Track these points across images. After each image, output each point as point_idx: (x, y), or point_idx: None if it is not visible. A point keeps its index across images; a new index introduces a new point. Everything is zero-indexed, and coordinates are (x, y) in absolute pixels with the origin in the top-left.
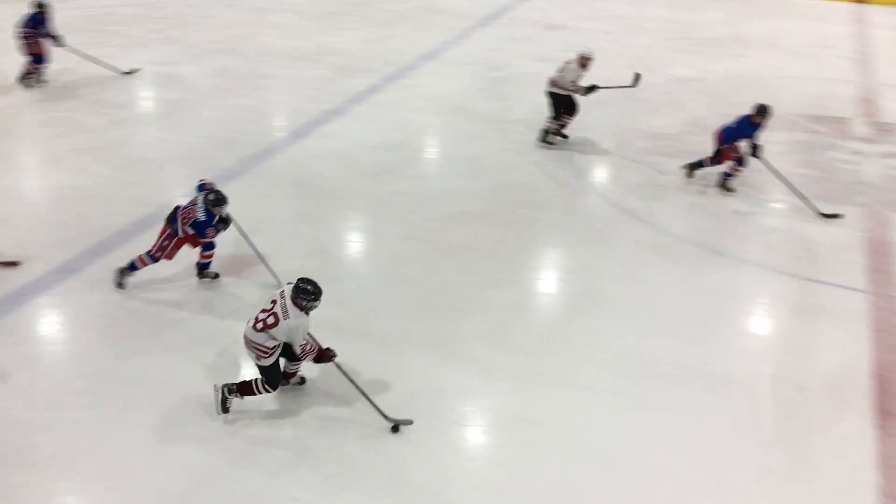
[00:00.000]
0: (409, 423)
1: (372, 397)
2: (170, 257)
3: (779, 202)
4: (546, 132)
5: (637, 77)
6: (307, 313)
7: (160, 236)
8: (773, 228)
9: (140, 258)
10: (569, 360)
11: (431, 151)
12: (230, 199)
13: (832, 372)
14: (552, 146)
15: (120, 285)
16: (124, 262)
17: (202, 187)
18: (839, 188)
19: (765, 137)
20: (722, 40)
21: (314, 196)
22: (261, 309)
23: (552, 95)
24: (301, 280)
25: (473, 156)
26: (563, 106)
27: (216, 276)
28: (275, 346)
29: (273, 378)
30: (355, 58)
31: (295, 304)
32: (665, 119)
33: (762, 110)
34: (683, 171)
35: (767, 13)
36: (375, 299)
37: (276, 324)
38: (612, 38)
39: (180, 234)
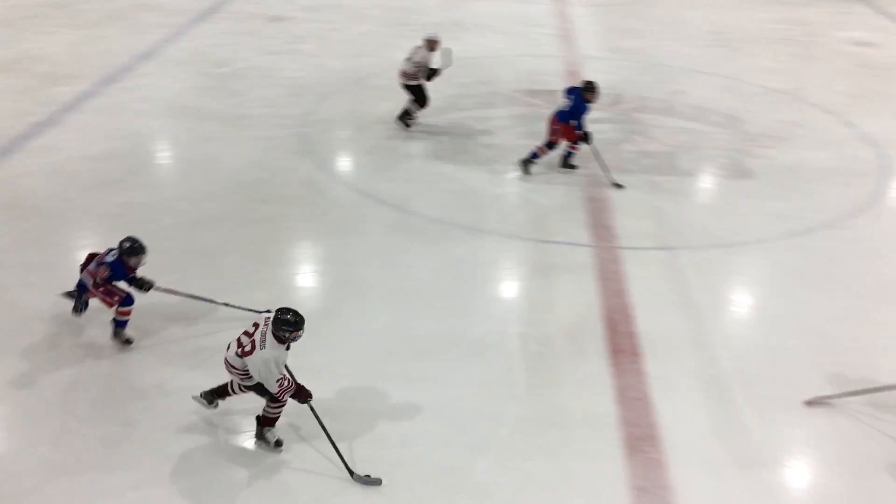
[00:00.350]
0: (378, 482)
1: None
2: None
3: (507, 173)
4: (408, 114)
5: (447, 55)
6: (287, 346)
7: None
8: (505, 198)
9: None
10: (337, 349)
11: (163, 156)
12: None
13: (570, 322)
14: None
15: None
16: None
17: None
18: (557, 155)
19: (490, 113)
20: (439, 24)
21: (31, 218)
22: (243, 331)
23: (409, 87)
24: (280, 310)
25: (210, 156)
26: (413, 92)
27: (129, 342)
28: None
29: (267, 390)
30: (62, 63)
31: (275, 335)
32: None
33: (591, 87)
34: (520, 169)
35: None
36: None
37: (251, 352)
38: (336, 27)
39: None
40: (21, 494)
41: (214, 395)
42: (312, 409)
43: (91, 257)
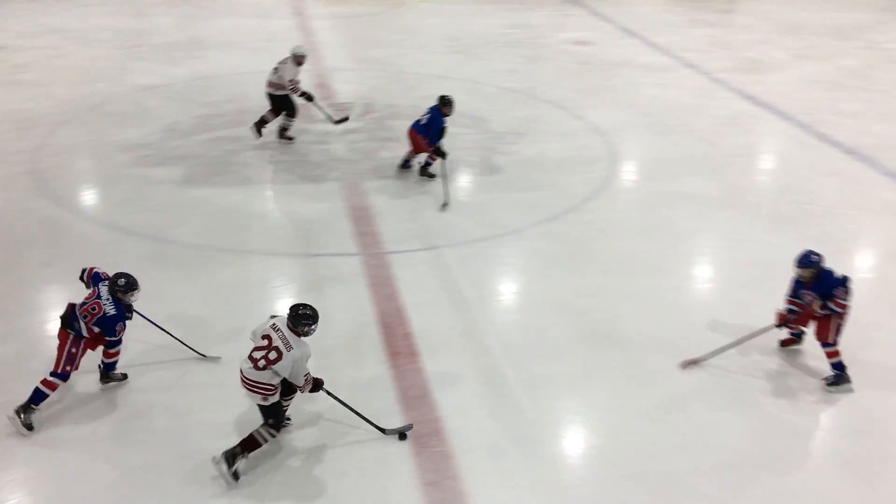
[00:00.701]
0: (410, 427)
1: None
2: (78, 367)
3: (269, 190)
4: (263, 122)
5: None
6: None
7: (62, 347)
8: (267, 216)
9: (45, 382)
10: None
11: None
12: None
13: (347, 331)
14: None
15: (28, 427)
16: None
17: (99, 277)
18: (316, 167)
19: (241, 132)
20: (178, 44)
21: None
22: (254, 348)
23: (272, 97)
24: (297, 307)
25: None
26: (284, 107)
27: (124, 377)
28: (279, 383)
29: (279, 418)
30: None
31: (294, 332)
32: (139, 129)
33: (447, 101)
34: (408, 174)
35: (215, 14)
36: None
37: (279, 358)
38: (62, 53)
39: (84, 334)
40: None
41: (238, 456)
42: (328, 391)
43: (72, 308)
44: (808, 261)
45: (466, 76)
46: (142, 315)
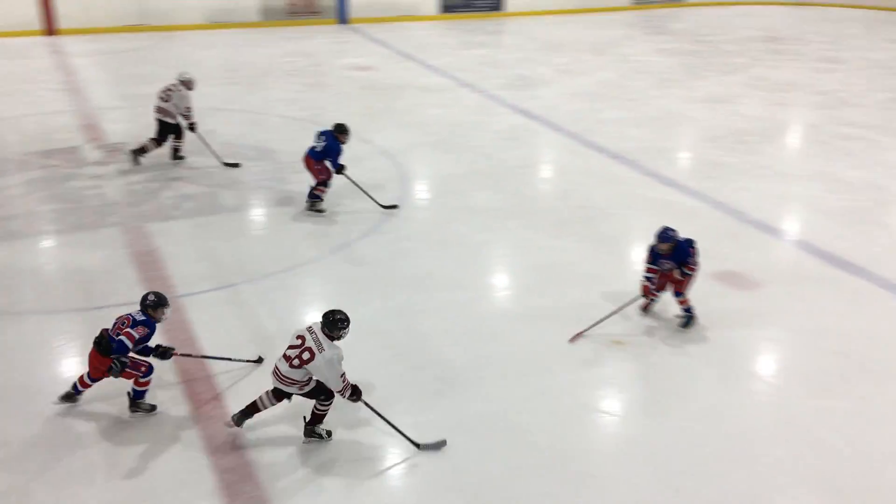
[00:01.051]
0: (443, 443)
1: None
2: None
3: (39, 242)
4: (143, 150)
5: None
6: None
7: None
8: (41, 270)
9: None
10: None
11: None
12: None
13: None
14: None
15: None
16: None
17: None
18: (90, 213)
19: (2, 182)
20: None
21: None
22: (288, 346)
23: (162, 123)
24: (331, 312)
25: None
26: (171, 131)
27: (153, 408)
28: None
29: (324, 391)
30: None
31: (328, 336)
32: None
33: (342, 129)
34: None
35: None
36: None
37: (311, 358)
38: None
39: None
40: None
41: (244, 416)
42: (366, 403)
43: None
44: (666, 236)
45: (247, 107)
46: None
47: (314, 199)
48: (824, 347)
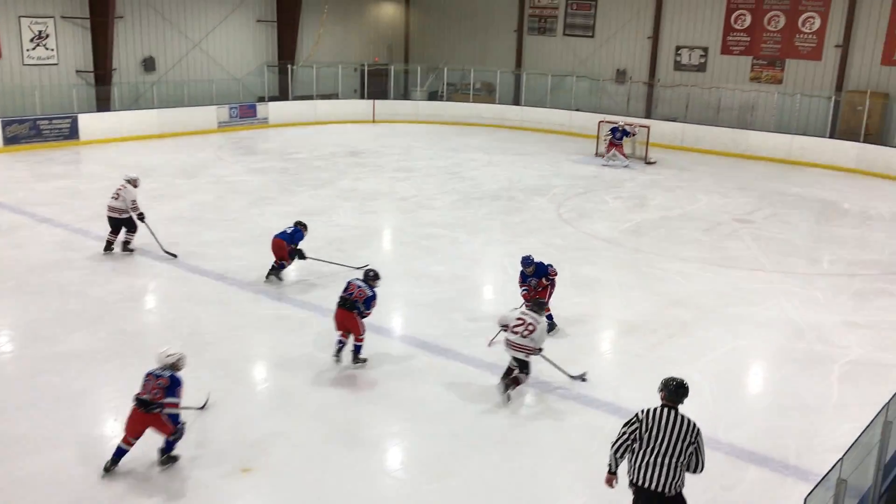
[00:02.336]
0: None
1: None
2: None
3: None
4: (109, 244)
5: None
6: None
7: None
8: None
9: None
10: None
11: None
12: None
13: None
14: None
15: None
16: None
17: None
18: None
19: None
20: None
21: None
22: (515, 323)
23: (113, 220)
24: (535, 300)
25: None
26: (125, 225)
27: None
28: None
29: (528, 369)
30: None
31: (535, 311)
32: None
33: (305, 225)
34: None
35: None
36: None
37: (535, 328)
38: None
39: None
40: None
41: (509, 382)
42: (545, 357)
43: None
44: (529, 261)
45: None
46: None
47: (280, 268)
48: (440, 432)
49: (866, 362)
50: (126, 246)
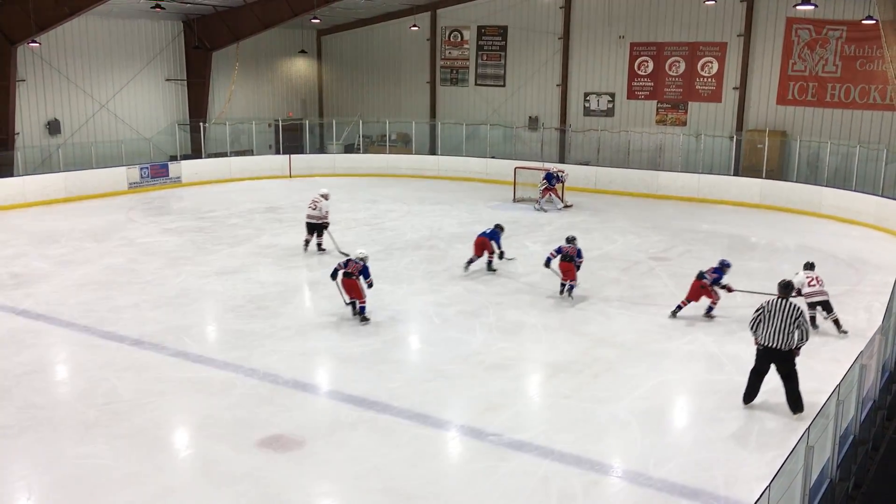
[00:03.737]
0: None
1: None
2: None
3: None
4: (308, 244)
5: None
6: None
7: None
8: None
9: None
10: None
11: None
12: None
13: None
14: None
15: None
16: None
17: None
18: None
19: None
20: None
21: None
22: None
23: (311, 225)
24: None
25: None
26: (318, 230)
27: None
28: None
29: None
30: None
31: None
32: None
33: (502, 227)
34: None
35: None
36: None
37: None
38: None
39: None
40: None
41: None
42: None
43: None
44: (572, 237)
45: None
46: None
47: (489, 263)
48: (373, 487)
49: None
50: (319, 247)
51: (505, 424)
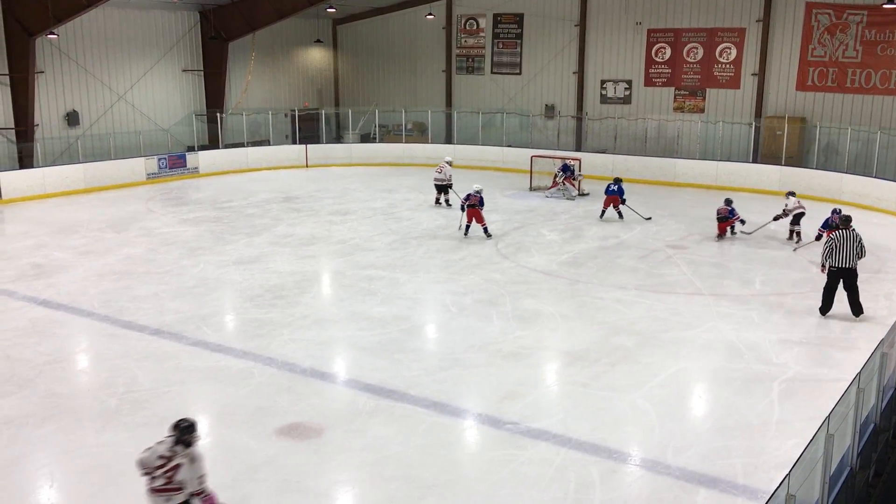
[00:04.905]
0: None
1: None
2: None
3: None
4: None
5: None
6: None
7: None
8: None
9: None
10: None
11: None
12: None
13: None
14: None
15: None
16: None
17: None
18: None
19: None
20: None
21: None
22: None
23: (438, 186)
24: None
25: None
26: (445, 189)
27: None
28: None
29: None
30: None
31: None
32: None
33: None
34: None
35: None
36: None
37: None
38: None
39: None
40: None
41: None
42: None
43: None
44: (618, 178)
45: None
46: None
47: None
48: (391, 475)
49: (804, 378)
50: (447, 202)
51: (522, 413)
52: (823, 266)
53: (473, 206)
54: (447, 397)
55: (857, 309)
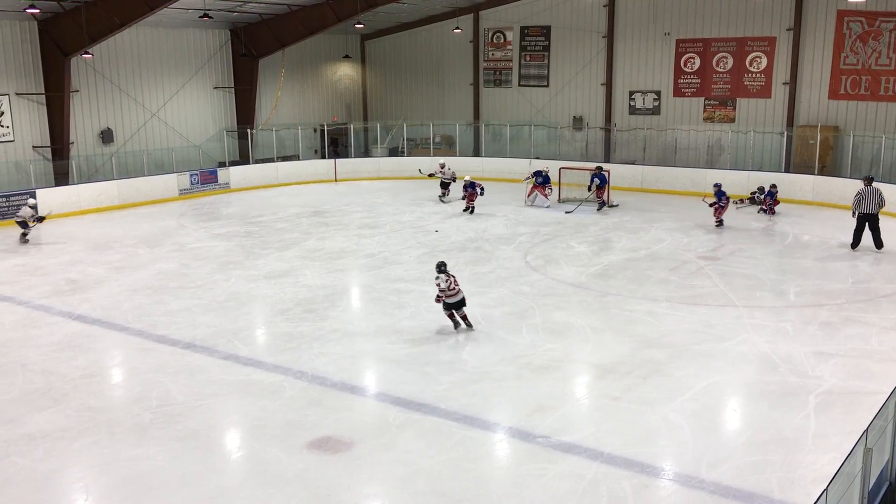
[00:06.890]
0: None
1: None
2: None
3: None
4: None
5: None
6: None
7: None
8: None
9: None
10: None
11: None
12: None
13: None
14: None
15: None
16: None
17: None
18: None
19: None
20: None
21: None
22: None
23: (443, 183)
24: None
25: None
26: (447, 187)
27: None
28: None
29: None
30: None
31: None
32: None
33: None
34: None
35: None
36: None
37: None
38: None
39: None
40: None
41: None
42: None
43: None
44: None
45: None
46: None
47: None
48: (421, 489)
49: (840, 391)
50: (446, 194)
51: (553, 426)
52: (854, 212)
53: (467, 188)
54: (477, 411)
55: (879, 243)
